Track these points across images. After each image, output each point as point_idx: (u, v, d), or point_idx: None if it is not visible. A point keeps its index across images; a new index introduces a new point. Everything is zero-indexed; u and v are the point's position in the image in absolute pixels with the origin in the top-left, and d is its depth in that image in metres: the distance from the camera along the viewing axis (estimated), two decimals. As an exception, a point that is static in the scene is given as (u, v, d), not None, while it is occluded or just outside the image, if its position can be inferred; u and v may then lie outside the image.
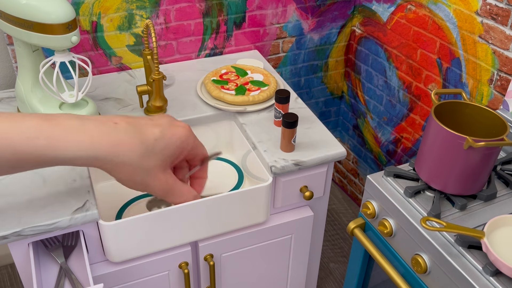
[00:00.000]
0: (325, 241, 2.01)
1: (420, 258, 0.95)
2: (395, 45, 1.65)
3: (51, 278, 1.02)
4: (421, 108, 1.62)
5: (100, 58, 1.48)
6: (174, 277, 1.21)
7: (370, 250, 1.05)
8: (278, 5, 1.63)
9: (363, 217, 1.12)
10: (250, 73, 1.44)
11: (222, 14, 1.56)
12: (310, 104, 1.94)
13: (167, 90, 1.42)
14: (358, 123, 1.97)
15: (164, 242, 1.12)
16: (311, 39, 1.77)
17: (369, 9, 1.72)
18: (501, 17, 1.26)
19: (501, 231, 0.89)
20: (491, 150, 0.92)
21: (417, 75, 1.60)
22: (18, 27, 1.06)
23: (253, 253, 1.28)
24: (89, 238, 1.07)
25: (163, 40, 1.52)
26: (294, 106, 1.37)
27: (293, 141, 1.17)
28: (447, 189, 0.98)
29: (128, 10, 1.44)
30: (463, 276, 0.86)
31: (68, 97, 1.19)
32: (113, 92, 1.39)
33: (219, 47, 1.62)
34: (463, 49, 1.40)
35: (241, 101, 1.31)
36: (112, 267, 1.11)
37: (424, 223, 0.87)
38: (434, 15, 1.46)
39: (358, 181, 2.09)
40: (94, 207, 1.02)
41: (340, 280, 1.86)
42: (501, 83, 1.31)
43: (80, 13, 1.39)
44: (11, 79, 1.43)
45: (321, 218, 1.37)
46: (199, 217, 1.12)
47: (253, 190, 1.14)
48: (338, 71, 1.93)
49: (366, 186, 1.08)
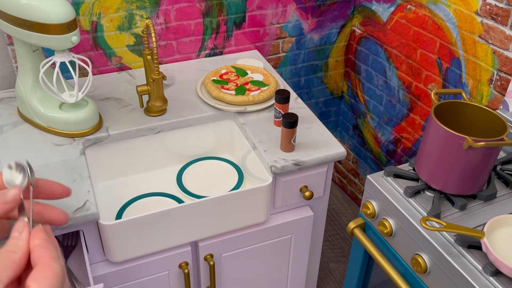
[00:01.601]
0: (325, 241, 2.01)
1: (420, 258, 0.95)
2: (395, 45, 1.65)
3: (51, 278, 1.02)
4: (421, 108, 1.62)
5: (100, 58, 1.48)
6: (174, 277, 1.21)
7: (370, 250, 1.05)
8: (278, 5, 1.63)
9: (363, 217, 1.12)
10: (250, 73, 1.44)
11: (222, 14, 1.56)
12: (310, 104, 1.94)
13: (167, 90, 1.42)
14: (358, 123, 1.97)
15: (164, 242, 1.12)
16: (311, 39, 1.77)
17: (369, 9, 1.72)
18: (501, 17, 1.26)
19: (501, 231, 0.89)
20: (491, 150, 0.92)
21: (417, 75, 1.60)
22: (18, 27, 1.06)
23: (253, 253, 1.28)
24: (89, 238, 1.07)
25: (163, 40, 1.52)
26: (294, 106, 1.37)
27: (293, 141, 1.17)
28: (447, 189, 0.98)
29: (128, 10, 1.44)
30: (463, 276, 0.86)
31: (68, 97, 1.19)
32: (113, 92, 1.39)
33: (219, 47, 1.62)
34: (463, 49, 1.40)
35: (241, 101, 1.31)
36: (112, 267, 1.11)
37: (424, 223, 0.87)
38: (434, 15, 1.46)
39: (358, 181, 2.09)
40: (94, 207, 1.02)
41: (340, 280, 1.86)
42: (501, 83, 1.31)
43: (80, 13, 1.39)
44: (11, 79, 1.43)
45: (321, 218, 1.37)
46: (199, 217, 1.12)
47: (253, 190, 1.14)
48: (338, 71, 1.93)
49: (366, 186, 1.08)
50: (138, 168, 1.35)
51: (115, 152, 1.27)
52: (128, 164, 1.32)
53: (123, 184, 1.32)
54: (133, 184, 1.32)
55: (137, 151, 1.30)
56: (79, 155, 1.16)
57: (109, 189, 1.30)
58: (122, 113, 1.30)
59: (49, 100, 1.22)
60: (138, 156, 1.32)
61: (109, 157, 1.28)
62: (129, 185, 1.32)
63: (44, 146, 1.18)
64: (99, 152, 1.25)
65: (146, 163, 1.35)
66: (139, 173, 1.36)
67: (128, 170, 1.34)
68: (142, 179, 1.34)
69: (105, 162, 1.28)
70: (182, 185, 1.30)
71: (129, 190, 1.30)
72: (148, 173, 1.36)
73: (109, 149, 1.26)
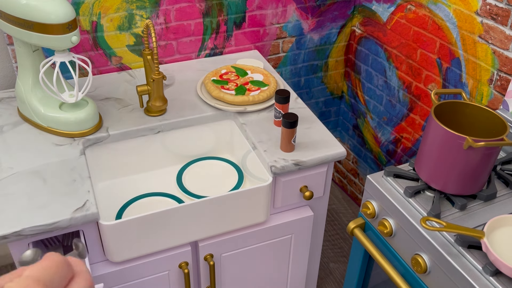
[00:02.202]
0: (325, 241, 2.01)
1: (420, 258, 0.95)
2: (395, 45, 1.65)
3: (51, 278, 1.02)
4: (421, 108, 1.62)
5: (100, 58, 1.48)
6: (174, 277, 1.21)
7: (370, 250, 1.05)
8: (278, 5, 1.63)
9: (363, 217, 1.12)
10: (250, 73, 1.44)
11: (222, 14, 1.56)
12: (310, 104, 1.94)
13: (167, 90, 1.42)
14: (358, 123, 1.97)
15: (164, 242, 1.12)
16: (311, 39, 1.77)
17: (369, 9, 1.72)
18: (501, 17, 1.26)
19: (501, 231, 0.89)
20: (491, 150, 0.92)
21: (417, 75, 1.60)
22: (18, 27, 1.06)
23: (253, 253, 1.28)
24: (89, 238, 1.07)
25: (163, 40, 1.52)
26: (294, 106, 1.37)
27: (293, 141, 1.17)
28: (447, 189, 0.97)
29: (128, 10, 1.43)
30: (463, 276, 0.86)
31: (68, 97, 1.19)
32: (113, 92, 1.39)
33: (219, 47, 1.62)
34: (463, 49, 1.40)
35: (241, 101, 1.31)
36: (112, 267, 1.11)
37: (424, 223, 0.87)
38: (434, 15, 1.46)
39: (358, 181, 2.09)
40: (94, 207, 1.02)
41: (340, 280, 1.86)
42: (501, 83, 1.31)
43: (80, 13, 1.39)
44: (11, 79, 1.43)
45: (321, 218, 1.37)
46: (199, 217, 1.12)
47: (253, 190, 1.14)
48: (338, 71, 1.93)
49: (366, 186, 1.08)
50: (138, 168, 1.35)
51: (115, 152, 1.27)
52: (128, 164, 1.32)
53: (123, 184, 1.32)
54: (133, 184, 1.32)
55: (137, 151, 1.30)
56: (79, 155, 1.16)
57: (109, 189, 1.30)
58: (122, 113, 1.30)
59: (49, 100, 1.22)
60: (138, 156, 1.32)
61: (109, 157, 1.28)
62: (129, 185, 1.32)
63: (44, 146, 1.18)
64: (99, 152, 1.25)
65: (146, 163, 1.35)
66: (139, 173, 1.36)
67: (128, 170, 1.34)
68: (142, 179, 1.34)
69: (105, 162, 1.28)
70: (182, 185, 1.30)
71: (129, 190, 1.30)
72: (148, 173, 1.36)
73: (109, 149, 1.26)
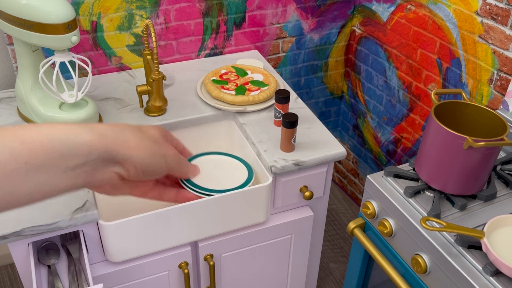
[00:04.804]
0: (325, 241, 2.01)
1: (420, 258, 0.95)
2: (395, 45, 1.65)
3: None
4: (421, 108, 1.62)
5: (100, 58, 1.48)
6: (174, 277, 1.21)
7: (370, 250, 1.05)
8: (278, 5, 1.63)
9: (363, 217, 1.12)
10: (250, 73, 1.44)
11: (222, 14, 1.56)
12: (310, 104, 1.94)
13: (167, 90, 1.42)
14: (358, 123, 1.97)
15: (164, 242, 1.12)
16: (311, 39, 1.77)
17: (369, 9, 1.72)
18: (501, 17, 1.26)
19: (501, 231, 0.89)
20: (491, 150, 0.92)
21: (417, 75, 1.60)
22: (18, 27, 1.06)
23: (253, 253, 1.28)
24: (89, 238, 1.07)
25: (163, 40, 1.52)
26: (294, 106, 1.37)
27: (293, 141, 1.17)
28: (447, 189, 0.97)
29: (128, 10, 1.44)
30: (463, 276, 0.86)
31: (68, 97, 1.19)
32: (113, 92, 1.39)
33: (219, 47, 1.62)
34: (463, 49, 1.40)
35: (241, 101, 1.31)
36: (112, 267, 1.11)
37: (424, 223, 0.87)
38: (434, 15, 1.46)
39: (358, 181, 2.09)
40: (94, 207, 1.02)
41: (340, 280, 1.86)
42: (501, 83, 1.31)
43: (80, 13, 1.39)
44: (11, 79, 1.43)
45: (321, 218, 1.37)
46: (199, 217, 1.12)
47: (253, 190, 1.14)
48: (338, 71, 1.93)
49: (366, 186, 1.08)
50: (138, 168, 1.34)
51: (115, 152, 1.27)
52: (128, 164, 1.32)
53: (123, 184, 1.32)
54: (133, 184, 1.32)
55: (137, 151, 1.30)
56: (79, 155, 1.16)
57: (109, 189, 1.30)
58: (122, 113, 1.30)
59: (49, 100, 1.22)
60: (138, 156, 1.31)
61: (109, 157, 1.27)
62: (129, 185, 1.32)
63: (44, 146, 1.18)
64: (99, 152, 1.25)
65: (146, 163, 1.34)
66: (139, 173, 1.35)
67: (128, 170, 1.33)
68: (142, 179, 1.34)
69: (105, 162, 1.27)
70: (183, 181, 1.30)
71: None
72: (148, 173, 1.36)
73: (109, 149, 1.26)
